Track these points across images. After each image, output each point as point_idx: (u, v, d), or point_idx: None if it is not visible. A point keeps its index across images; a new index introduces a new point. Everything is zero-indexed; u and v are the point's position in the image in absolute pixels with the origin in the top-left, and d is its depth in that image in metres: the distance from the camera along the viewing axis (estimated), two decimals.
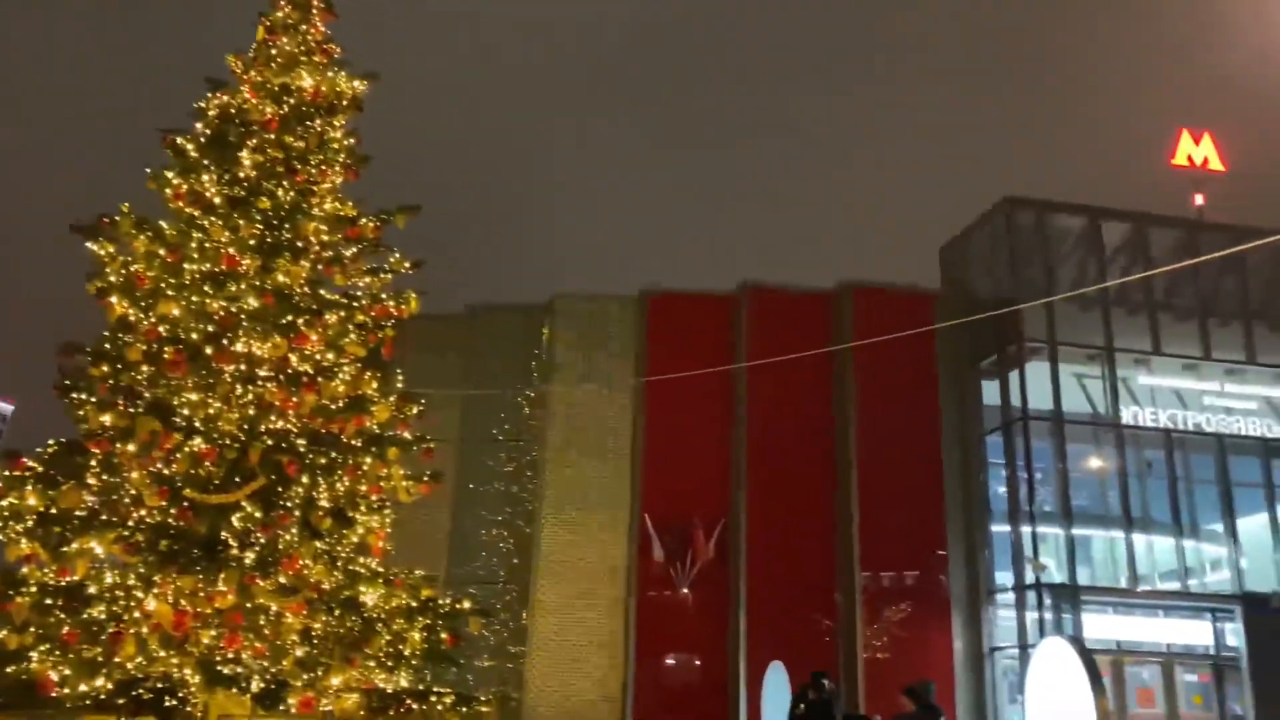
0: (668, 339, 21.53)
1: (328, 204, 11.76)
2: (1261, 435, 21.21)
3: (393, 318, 11.76)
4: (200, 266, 10.78)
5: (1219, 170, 23.32)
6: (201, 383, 10.45)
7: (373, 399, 11.30)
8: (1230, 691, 19.35)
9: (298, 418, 10.74)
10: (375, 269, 12.01)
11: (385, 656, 10.57)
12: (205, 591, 9.54)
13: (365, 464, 11.00)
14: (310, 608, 10.11)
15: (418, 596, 11.09)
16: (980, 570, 20.80)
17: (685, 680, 20.15)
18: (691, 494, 20.57)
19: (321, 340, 11.05)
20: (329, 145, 11.87)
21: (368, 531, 11.25)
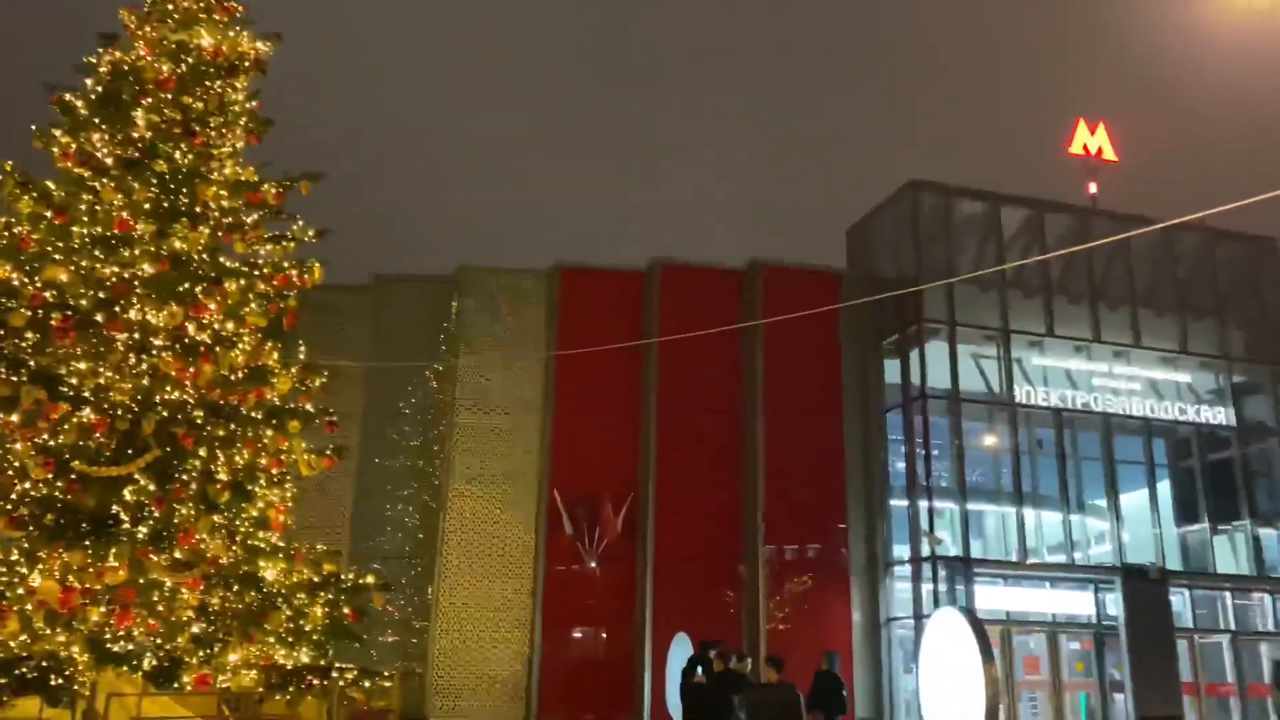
0: (579, 314, 21.50)
1: (228, 168, 11.41)
2: (1144, 415, 22.23)
3: (295, 287, 11.50)
4: (91, 230, 10.36)
5: (1112, 160, 24.23)
6: (92, 351, 10.07)
7: (274, 370, 11.05)
8: (1109, 658, 20.36)
9: (195, 389, 10.44)
10: (277, 237, 11.71)
11: (285, 632, 10.41)
12: (95, 567, 9.24)
13: (265, 437, 10.77)
14: (207, 583, 9.89)
15: (319, 571, 10.94)
16: (879, 543, 21.42)
17: (592, 653, 20.31)
18: (601, 469, 20.65)
19: (220, 309, 10.75)
20: (229, 108, 11.50)
21: (268, 505, 11.03)
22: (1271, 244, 24.61)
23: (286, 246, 11.69)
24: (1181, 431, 23.04)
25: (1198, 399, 22.95)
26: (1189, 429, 22.84)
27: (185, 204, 10.80)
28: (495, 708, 19.29)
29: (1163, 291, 23.43)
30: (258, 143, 11.97)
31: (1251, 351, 23.58)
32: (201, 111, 11.19)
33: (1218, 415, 22.84)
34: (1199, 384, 23.17)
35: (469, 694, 19.26)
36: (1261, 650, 21.75)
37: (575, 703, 19.53)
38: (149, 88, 11.00)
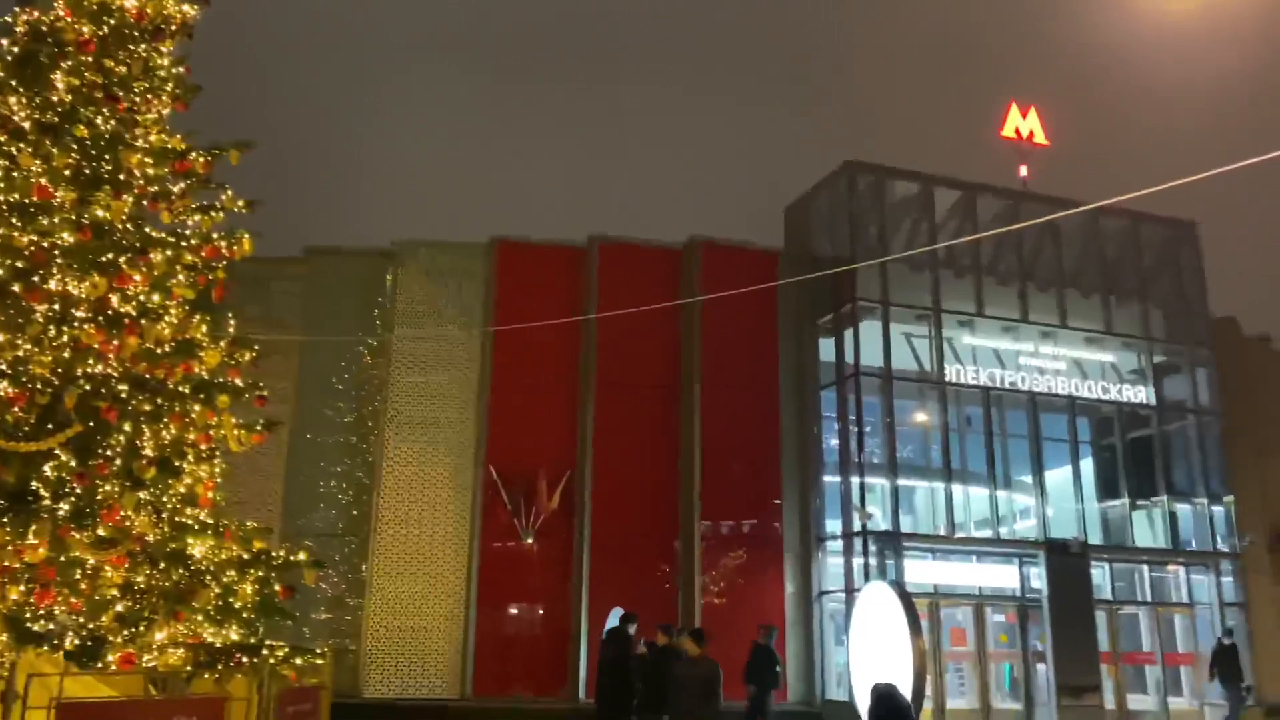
0: (515, 288, 21.37)
1: (153, 135, 11.03)
2: (1069, 394, 22.84)
3: (224, 259, 11.21)
4: (8, 197, 9.97)
5: (1043, 144, 24.73)
6: (9, 322, 9.71)
7: (202, 344, 10.78)
8: (1032, 630, 21.01)
9: (119, 362, 10.13)
10: (206, 207, 11.38)
11: (214, 610, 10.21)
12: (14, 545, 8.97)
13: (193, 411, 10.52)
14: (132, 560, 9.65)
15: (250, 548, 10.74)
16: (812, 518, 21.76)
17: (528, 629, 20.36)
18: (538, 445, 20.62)
19: (146, 280, 10.44)
20: (155, 72, 11.11)
21: (196, 482, 10.78)
22: (1192, 227, 25.38)
23: (215, 217, 11.38)
24: (1104, 410, 23.73)
25: (1120, 378, 23.65)
26: (1111, 408, 23.53)
27: (108, 171, 10.44)
28: (430, 684, 19.25)
29: (1089, 273, 24.04)
30: (185, 109, 11.60)
31: (1171, 332, 24.36)
32: (125, 76, 10.79)
33: (1139, 394, 23.57)
34: (1122, 364, 23.87)
35: (403, 670, 19.19)
36: (1175, 621, 22.65)
37: (511, 678, 19.59)
38: (68, 50, 10.57)
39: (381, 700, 18.66)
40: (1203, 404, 24.02)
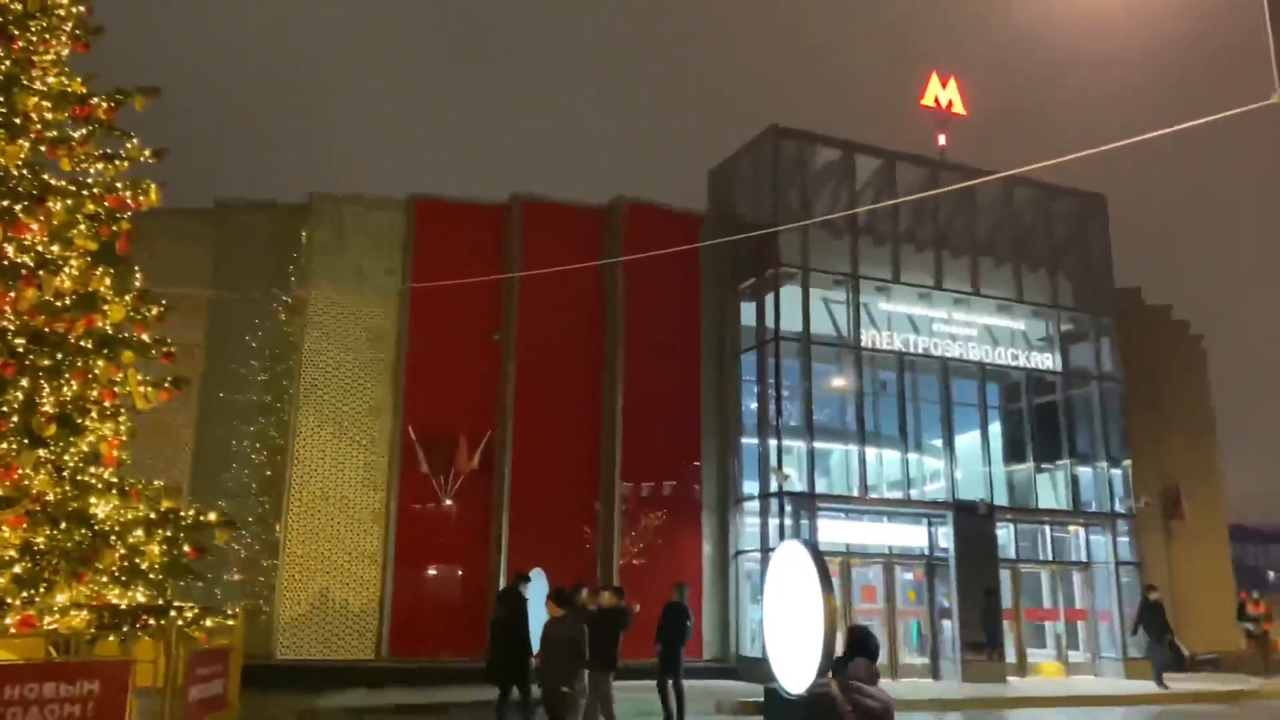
0: (435, 247, 21.03)
1: (51, 77, 10.56)
2: (979, 360, 23.48)
3: (129, 209, 10.83)
4: None
5: (961, 114, 25.15)
6: None
7: (105, 297, 10.43)
8: (939, 587, 21.74)
9: (16, 315, 9.74)
10: (109, 155, 10.96)
11: (119, 571, 9.98)
12: None
13: (96, 367, 10.19)
14: (31, 520, 9.35)
15: (156, 508, 10.50)
16: (730, 480, 22.08)
17: (446, 590, 20.29)
18: (457, 406, 20.44)
19: (44, 230, 10.04)
20: (52, 11, 10.60)
21: (100, 440, 10.49)
22: (1101, 200, 26.17)
23: (119, 166, 10.96)
24: (1013, 376, 24.47)
25: (1029, 345, 24.39)
26: (1019, 374, 24.27)
27: (2, 114, 9.96)
28: (346, 645, 19.09)
29: (1001, 243, 24.64)
30: (86, 51, 11.10)
31: (1079, 301, 25.16)
32: (19, 13, 10.26)
33: (1046, 361, 24.35)
34: (1030, 331, 24.60)
35: (317, 632, 18.99)
36: (1074, 578, 23.64)
37: (428, 639, 19.52)
38: None
39: (296, 661, 18.45)
40: (1105, 371, 24.93)
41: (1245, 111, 5.86)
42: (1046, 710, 17.47)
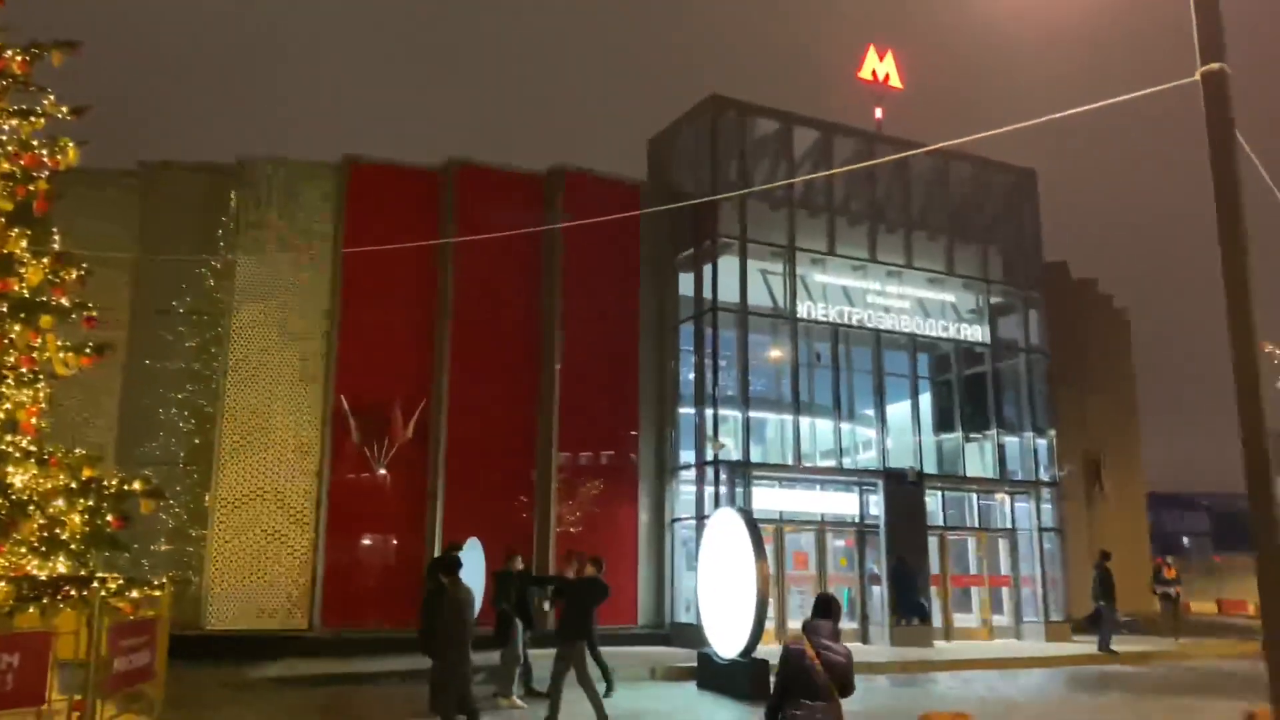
0: (369, 211, 20.66)
1: None
2: (911, 332, 23.88)
3: (46, 168, 10.44)
4: None
5: (898, 88, 25.38)
6: None
7: (22, 259, 10.08)
8: (869, 553, 22.20)
9: None
10: (25, 111, 10.54)
11: (39, 541, 9.72)
12: None
13: (13, 332, 9.86)
14: None
15: (78, 477, 10.23)
16: (667, 449, 22.23)
17: (380, 560, 20.12)
18: (391, 374, 20.21)
19: None
20: None
21: (17, 407, 10.16)
22: (1032, 175, 26.67)
23: (35, 123, 10.54)
24: (943, 348, 24.95)
25: (959, 318, 24.86)
26: (949, 345, 24.75)
27: None
28: (276, 616, 18.87)
29: (934, 216, 25.01)
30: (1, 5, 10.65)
31: (1008, 275, 25.68)
32: None
33: (975, 333, 24.85)
34: (961, 304, 25.06)
35: (248, 602, 18.74)
36: (999, 545, 24.31)
37: (362, 610, 19.39)
38: None
39: (226, 632, 18.21)
40: (1033, 343, 25.54)
41: (1167, 89, 6.00)
42: (971, 672, 18.00)
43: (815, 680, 6.16)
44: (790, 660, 6.30)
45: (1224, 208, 5.31)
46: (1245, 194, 5.41)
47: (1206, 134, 5.40)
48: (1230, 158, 5.31)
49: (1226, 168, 5.31)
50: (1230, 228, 5.28)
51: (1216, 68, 5.36)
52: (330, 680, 14.89)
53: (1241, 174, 5.40)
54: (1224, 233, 5.29)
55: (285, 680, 14.77)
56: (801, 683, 6.20)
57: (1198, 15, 5.49)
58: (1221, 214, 5.30)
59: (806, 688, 6.19)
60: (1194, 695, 14.93)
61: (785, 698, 6.24)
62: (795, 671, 6.23)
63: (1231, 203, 5.31)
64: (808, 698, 6.16)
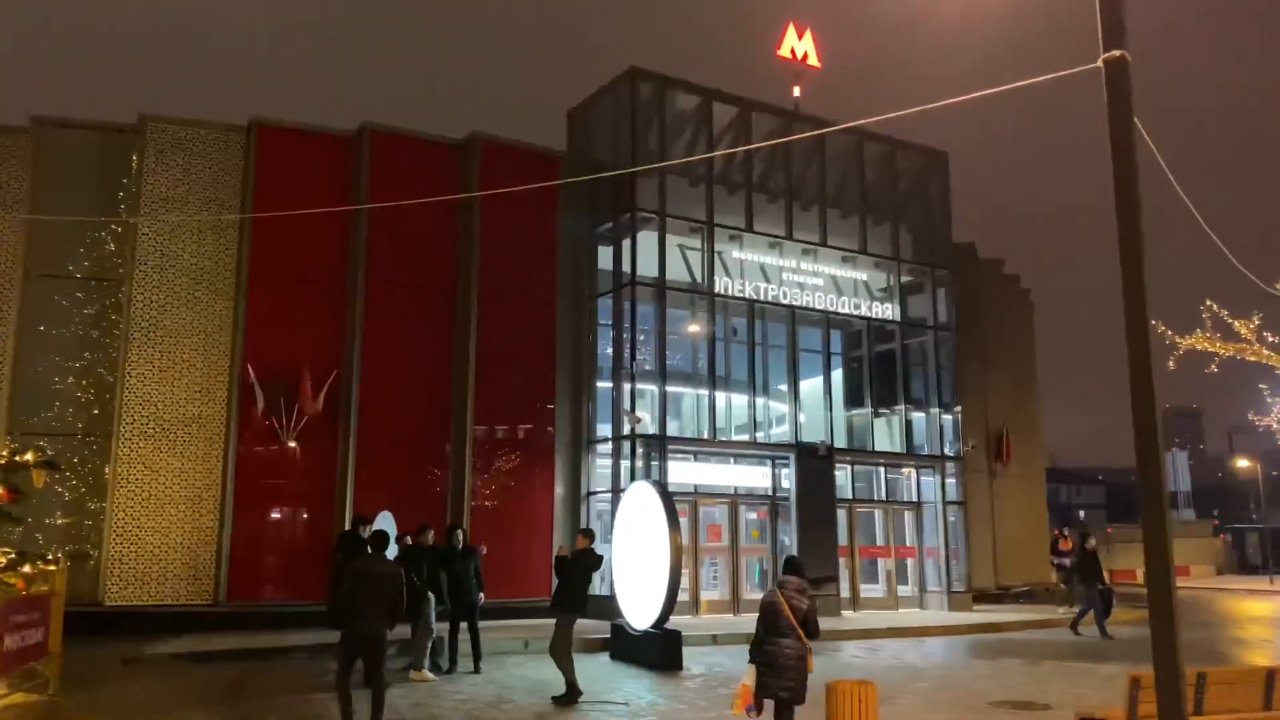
0: (278, 176, 20.04)
1: None
2: (825, 309, 24.27)
3: None
4: None
5: (815, 67, 25.62)
6: None
7: None
8: (781, 525, 22.61)
9: None
10: None
11: None
12: None
13: None
14: None
15: None
16: (584, 422, 22.24)
17: (288, 533, 19.71)
18: (301, 344, 19.72)
19: None
20: None
21: None
22: (943, 157, 27.27)
23: None
24: (855, 325, 25.44)
25: (871, 296, 25.35)
26: (861, 323, 25.25)
27: None
28: (179, 590, 18.39)
29: (849, 195, 25.40)
30: None
31: (918, 254, 26.27)
32: None
33: (886, 311, 25.38)
34: (873, 282, 25.56)
35: (149, 577, 18.21)
36: (905, 517, 25.00)
37: (269, 584, 19.05)
38: None
39: (126, 608, 17.67)
40: (941, 321, 26.21)
41: (1072, 74, 6.17)
42: (877, 641, 18.53)
43: (785, 622, 7.97)
44: (767, 607, 8.15)
45: (1122, 193, 5.49)
46: (1143, 180, 5.61)
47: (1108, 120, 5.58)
48: (1129, 144, 5.49)
49: (1125, 153, 5.48)
50: (1127, 213, 5.46)
51: (1118, 55, 5.53)
52: (234, 656, 14.58)
53: (1140, 160, 5.60)
54: (1122, 218, 5.47)
55: (187, 656, 14.41)
56: (775, 624, 8.01)
57: (1101, 2, 5.65)
58: (1120, 199, 5.49)
59: (778, 628, 8.00)
60: (1085, 660, 15.62)
61: (764, 635, 8.03)
62: (770, 615, 8.05)
63: (1129, 189, 5.49)
64: (779, 636, 7.98)
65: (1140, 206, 5.52)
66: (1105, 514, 77.88)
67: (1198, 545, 49.91)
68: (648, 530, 14.50)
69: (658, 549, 14.17)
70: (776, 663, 7.95)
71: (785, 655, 7.93)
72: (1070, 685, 12.68)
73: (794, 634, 7.99)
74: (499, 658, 14.90)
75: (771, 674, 7.95)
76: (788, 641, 8.00)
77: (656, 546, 14.19)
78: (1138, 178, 5.55)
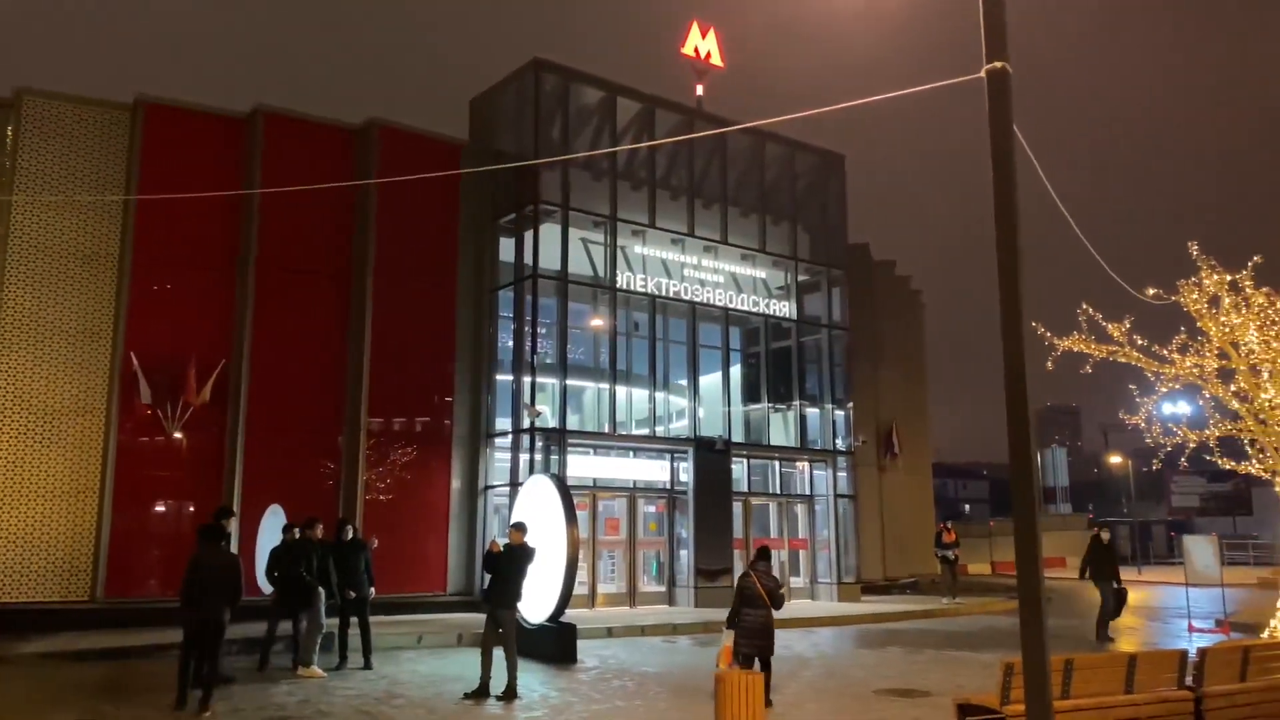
0: (165, 156, 19.28)
1: None
2: (725, 305, 24.59)
3: None
4: None
5: (719, 66, 25.88)
6: None
7: None
8: (678, 518, 22.86)
9: None
10: None
11: None
12: None
13: None
14: None
15: None
16: (482, 415, 22.05)
17: (172, 528, 18.97)
18: (188, 332, 19.04)
19: None
20: None
21: None
22: (840, 159, 27.90)
23: None
24: (753, 322, 25.85)
25: (769, 293, 25.80)
26: (759, 320, 25.66)
27: None
28: (53, 587, 17.57)
29: (749, 194, 25.79)
30: None
31: (815, 254, 26.84)
32: None
33: (783, 309, 25.86)
34: (771, 280, 26.02)
35: (21, 573, 17.35)
36: (798, 510, 25.55)
37: (149, 580, 18.33)
38: None
39: None
40: (835, 320, 26.84)
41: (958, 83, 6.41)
42: None
43: (756, 595, 10.41)
44: (743, 583, 10.58)
45: (1001, 199, 5.74)
46: (1021, 187, 5.87)
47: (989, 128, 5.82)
48: (1008, 151, 5.73)
49: (1004, 160, 5.73)
50: (1005, 218, 5.71)
51: (999, 65, 5.78)
52: (105, 655, 13.97)
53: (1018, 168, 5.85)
54: (1000, 222, 5.72)
55: (54, 655, 13.77)
56: (748, 597, 10.42)
57: (985, 16, 5.88)
58: (999, 204, 5.73)
59: (751, 601, 10.41)
60: (965, 649, 16.23)
61: (739, 608, 10.37)
62: (744, 590, 10.48)
63: (1008, 194, 5.74)
64: (752, 607, 10.38)
65: (1018, 211, 5.78)
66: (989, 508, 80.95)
67: (1073, 538, 52.19)
68: (545, 524, 14.48)
69: (555, 543, 14.17)
70: (751, 628, 10.27)
71: (756, 623, 10.31)
72: (950, 673, 13.17)
73: (763, 605, 10.39)
74: (392, 653, 14.70)
75: (746, 638, 10.23)
76: (759, 612, 10.36)
77: (554, 540, 14.18)
78: (1016, 183, 5.81)
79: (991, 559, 43.62)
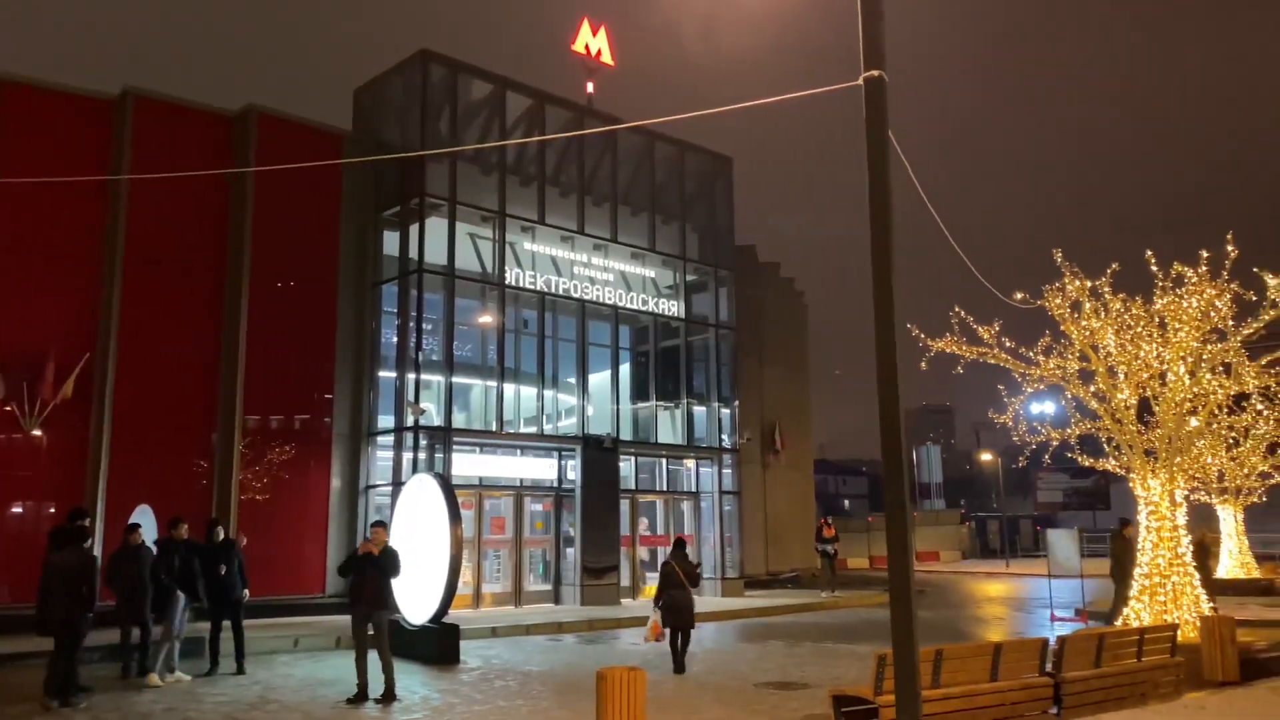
0: (24, 139, 18.18)
1: None
2: (614, 304, 24.65)
3: None
4: None
5: (609, 64, 25.91)
6: None
7: None
8: (565, 516, 22.82)
9: None
10: None
11: None
12: None
13: None
14: None
15: None
16: (364, 413, 21.56)
17: (29, 530, 17.91)
18: (48, 324, 18.06)
19: None
20: None
21: None
22: (728, 162, 28.29)
23: None
24: (642, 320, 25.99)
25: (658, 292, 25.98)
26: (649, 318, 25.82)
27: None
28: None
29: (638, 194, 25.90)
30: None
31: (703, 254, 27.15)
32: None
33: (672, 308, 26.08)
34: (660, 279, 26.20)
35: None
36: (684, 507, 25.82)
37: (3, 585, 17.31)
38: None
39: None
40: (723, 320, 27.21)
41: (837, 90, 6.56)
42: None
43: (676, 578, 12.86)
44: (665, 569, 13.11)
45: (876, 204, 5.90)
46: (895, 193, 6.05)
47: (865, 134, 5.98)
48: (883, 158, 5.90)
49: (880, 166, 5.90)
50: (879, 220, 5.88)
51: (876, 75, 5.94)
52: None
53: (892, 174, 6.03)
54: (875, 223, 5.88)
55: None
56: (671, 580, 12.87)
57: (864, 26, 6.04)
58: (874, 209, 5.89)
59: (674, 583, 12.83)
60: (843, 641, 16.67)
61: (664, 588, 12.87)
62: (667, 574, 12.98)
63: (882, 199, 5.90)
64: (675, 588, 12.81)
65: (892, 215, 5.95)
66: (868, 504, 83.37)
67: (946, 533, 54.23)
68: (429, 524, 14.26)
69: (438, 543, 13.97)
70: (674, 605, 12.73)
71: (679, 600, 12.75)
72: (827, 665, 13.51)
73: (683, 586, 12.82)
74: (266, 657, 14.24)
75: (670, 613, 12.73)
76: (680, 592, 12.79)
77: (437, 540, 13.98)
78: (890, 189, 5.98)
79: (870, 553, 44.89)
